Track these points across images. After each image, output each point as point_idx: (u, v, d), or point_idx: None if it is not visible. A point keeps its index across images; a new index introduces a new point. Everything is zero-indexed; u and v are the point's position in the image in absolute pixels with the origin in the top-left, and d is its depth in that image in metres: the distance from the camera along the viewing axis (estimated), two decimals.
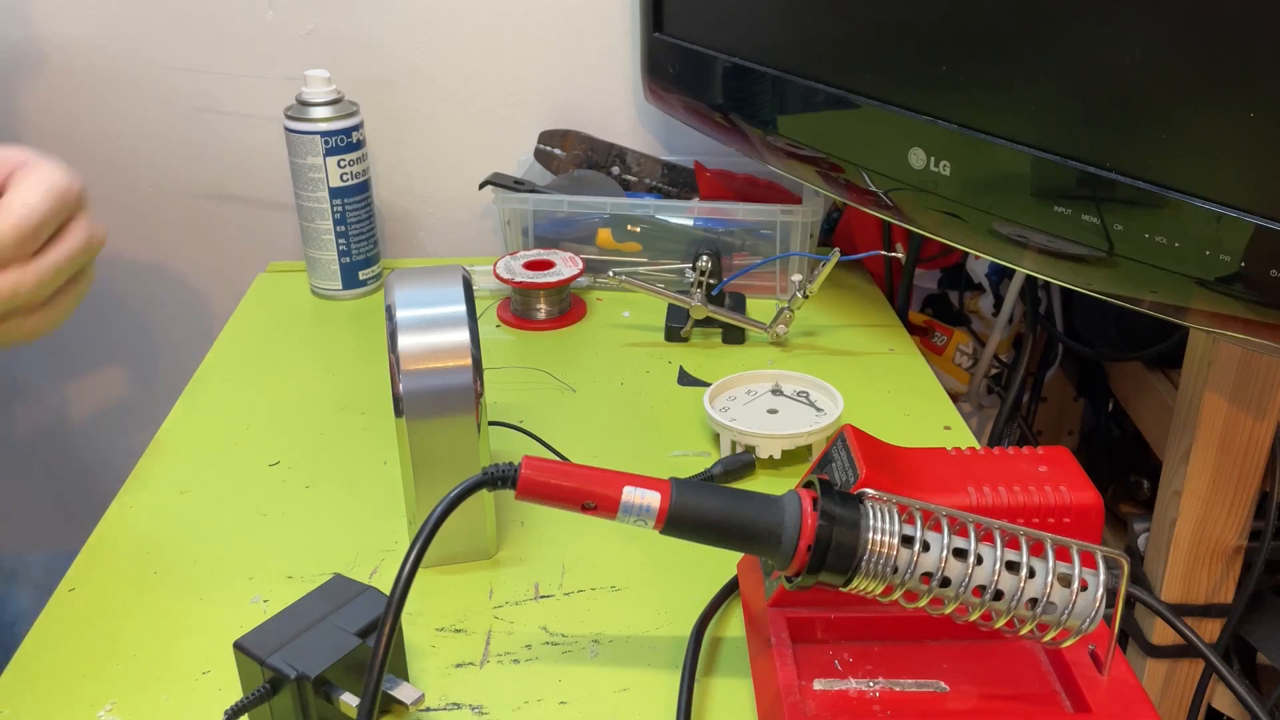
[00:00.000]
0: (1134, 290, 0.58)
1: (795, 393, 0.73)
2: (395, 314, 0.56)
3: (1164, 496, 0.81)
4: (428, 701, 0.50)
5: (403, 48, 1.01)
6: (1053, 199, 0.59)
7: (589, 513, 0.44)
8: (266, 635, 0.47)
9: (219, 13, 0.99)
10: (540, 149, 1.01)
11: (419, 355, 0.55)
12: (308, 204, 0.91)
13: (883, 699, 0.47)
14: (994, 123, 0.63)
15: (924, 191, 0.68)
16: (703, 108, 0.90)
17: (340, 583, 0.51)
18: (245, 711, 0.46)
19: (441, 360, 0.55)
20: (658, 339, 0.87)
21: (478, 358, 0.55)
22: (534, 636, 0.55)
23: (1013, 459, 0.51)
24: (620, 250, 0.93)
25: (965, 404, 1.06)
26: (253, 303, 0.95)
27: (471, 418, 0.55)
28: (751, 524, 0.44)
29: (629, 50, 1.02)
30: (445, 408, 0.55)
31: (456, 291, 0.57)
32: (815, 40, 0.76)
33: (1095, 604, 0.43)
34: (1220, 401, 0.74)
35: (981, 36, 0.63)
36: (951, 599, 0.43)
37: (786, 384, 0.74)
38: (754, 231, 0.92)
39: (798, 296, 0.83)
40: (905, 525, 0.43)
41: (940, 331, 1.05)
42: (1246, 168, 0.50)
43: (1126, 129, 0.55)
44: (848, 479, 0.48)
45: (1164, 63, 0.53)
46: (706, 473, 0.67)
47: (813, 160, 0.79)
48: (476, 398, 0.55)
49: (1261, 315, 0.52)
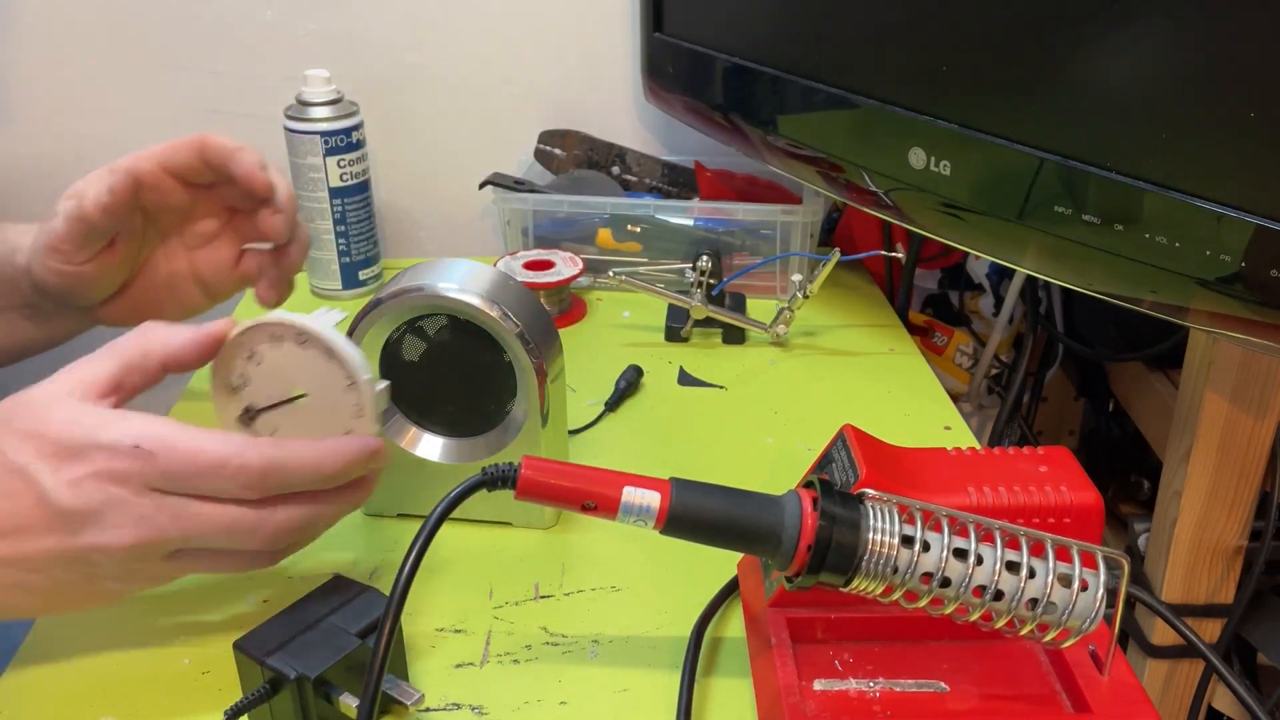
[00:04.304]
0: (1134, 290, 0.58)
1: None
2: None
3: (1164, 496, 0.81)
4: (428, 701, 0.50)
5: (403, 48, 1.01)
6: (1053, 199, 0.59)
7: (589, 513, 0.44)
8: (266, 635, 0.47)
9: (219, 13, 0.99)
10: (540, 149, 1.01)
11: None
12: (307, 204, 0.91)
13: (883, 699, 0.47)
14: (994, 123, 0.63)
15: (924, 191, 0.68)
16: (703, 108, 0.90)
17: (340, 583, 0.51)
18: (245, 711, 0.46)
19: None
20: (658, 339, 0.87)
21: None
22: (534, 636, 0.55)
23: (1013, 459, 0.51)
24: (620, 250, 0.93)
25: (965, 404, 1.06)
26: (253, 303, 0.95)
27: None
28: (752, 524, 0.44)
29: (629, 50, 1.02)
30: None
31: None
32: (815, 40, 0.76)
33: (1095, 604, 0.43)
34: (1220, 401, 0.74)
35: (981, 36, 0.63)
36: (952, 599, 0.43)
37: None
38: (754, 231, 0.92)
39: (798, 296, 0.83)
40: (905, 525, 0.43)
41: (940, 331, 1.05)
42: (1246, 168, 0.50)
43: (1126, 129, 0.55)
44: (848, 479, 0.48)
45: (1164, 62, 0.53)
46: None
47: (813, 160, 0.79)
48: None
49: (1261, 315, 0.52)
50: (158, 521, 0.45)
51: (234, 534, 0.47)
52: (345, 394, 0.51)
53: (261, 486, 0.46)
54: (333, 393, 0.51)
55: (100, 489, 0.44)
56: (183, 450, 0.45)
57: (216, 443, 0.45)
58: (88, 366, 0.48)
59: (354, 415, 0.52)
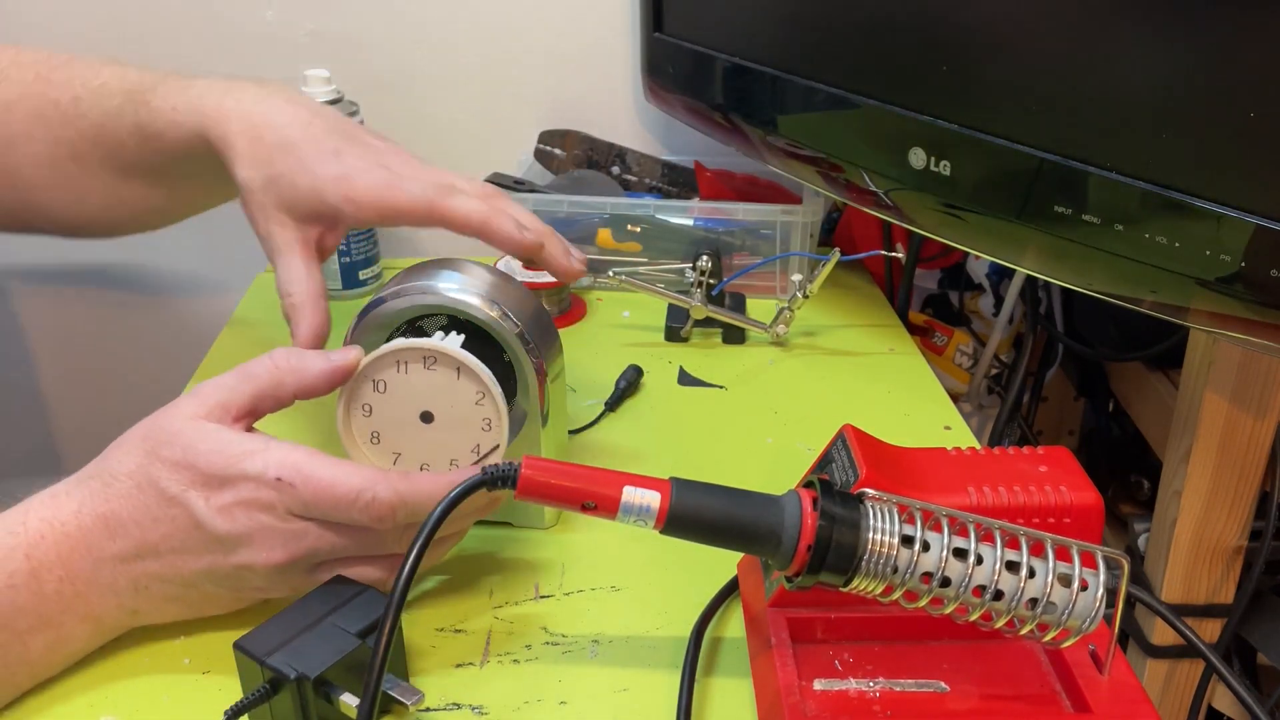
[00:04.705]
0: (1134, 290, 0.58)
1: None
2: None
3: (1164, 496, 0.81)
4: (428, 701, 0.50)
5: (403, 48, 1.01)
6: (1053, 199, 0.59)
7: (589, 513, 0.44)
8: (266, 635, 0.47)
9: (219, 13, 0.99)
10: (540, 149, 1.01)
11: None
12: None
13: (883, 699, 0.47)
14: (994, 123, 0.63)
15: (924, 191, 0.68)
16: (703, 108, 0.90)
17: (340, 583, 0.51)
18: (245, 711, 0.46)
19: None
20: (658, 339, 0.87)
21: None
22: (534, 636, 0.55)
23: (1013, 459, 0.51)
24: (620, 250, 0.93)
25: (965, 404, 1.06)
26: (253, 303, 0.95)
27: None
28: (751, 524, 0.44)
29: (629, 50, 1.02)
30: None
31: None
32: (815, 40, 0.76)
33: (1095, 604, 0.43)
34: (1220, 401, 0.74)
35: (981, 36, 0.63)
36: (952, 599, 0.43)
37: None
38: (754, 231, 0.92)
39: (798, 296, 0.83)
40: (905, 525, 0.43)
41: (940, 331, 1.05)
42: (1246, 168, 0.50)
43: (1126, 129, 0.55)
44: (848, 479, 0.48)
45: (1164, 62, 0.53)
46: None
47: (813, 160, 0.79)
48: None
49: (1261, 315, 0.52)
50: (304, 542, 0.49)
51: (369, 546, 0.51)
52: (474, 410, 0.54)
53: (391, 519, 0.49)
54: (461, 409, 0.54)
55: (249, 516, 0.48)
56: (318, 483, 0.48)
57: (350, 476, 0.48)
58: (222, 390, 0.51)
59: (483, 429, 0.54)
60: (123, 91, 0.66)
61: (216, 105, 0.61)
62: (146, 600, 0.51)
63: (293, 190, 0.59)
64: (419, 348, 0.53)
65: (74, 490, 0.50)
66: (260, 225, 0.61)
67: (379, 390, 0.54)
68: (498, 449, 0.54)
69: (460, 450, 0.55)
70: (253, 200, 0.60)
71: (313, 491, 0.48)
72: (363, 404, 0.54)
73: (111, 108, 0.66)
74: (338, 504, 0.48)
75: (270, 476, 0.48)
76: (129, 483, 0.49)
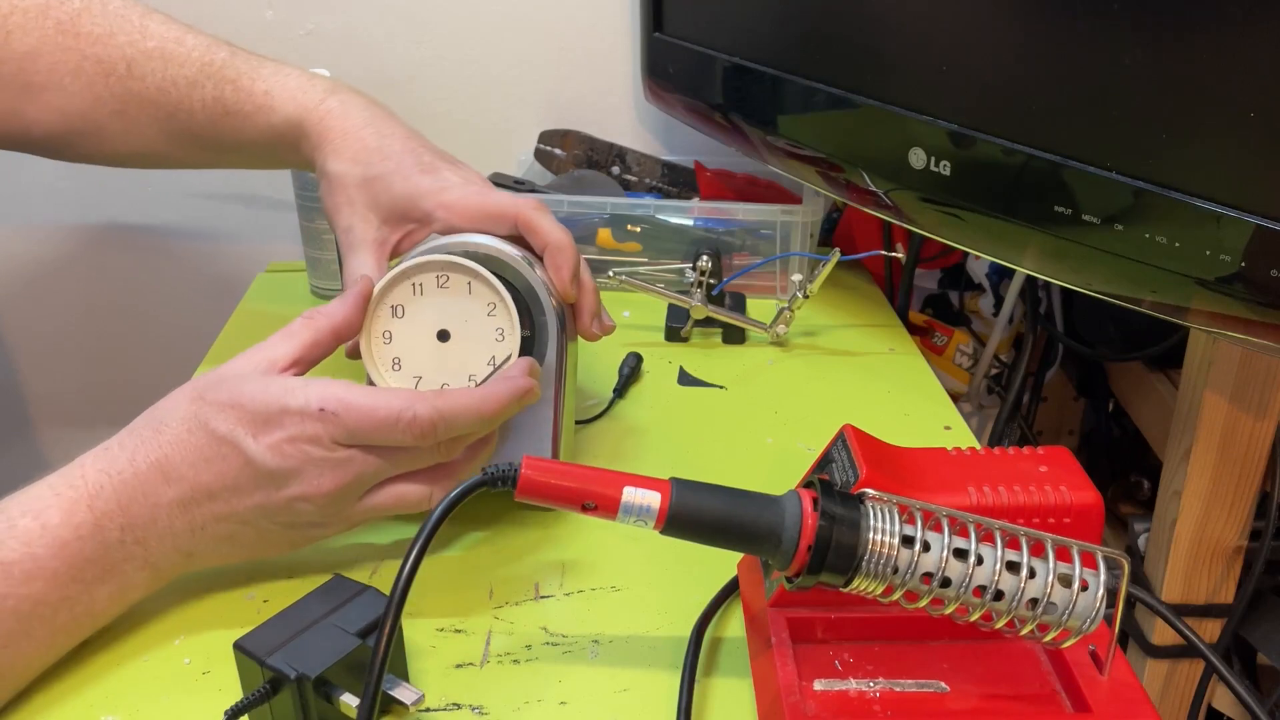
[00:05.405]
0: (1134, 290, 0.58)
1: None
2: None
3: (1164, 496, 0.81)
4: (428, 701, 0.50)
5: (403, 48, 1.01)
6: (1053, 199, 0.59)
7: (589, 513, 0.44)
8: (266, 635, 0.47)
9: (219, 13, 0.99)
10: (540, 149, 1.01)
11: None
12: (308, 203, 0.91)
13: (883, 699, 0.47)
14: (994, 123, 0.63)
15: (924, 191, 0.68)
16: (703, 108, 0.91)
17: (340, 583, 0.51)
18: (245, 711, 0.46)
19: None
20: (658, 339, 0.87)
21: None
22: (534, 636, 0.55)
23: (1013, 459, 0.51)
24: (620, 250, 0.93)
25: (965, 404, 1.06)
26: (253, 302, 0.95)
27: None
28: (752, 524, 0.44)
29: (629, 50, 1.02)
30: None
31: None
32: (815, 40, 0.76)
33: (1096, 604, 0.43)
34: (1220, 401, 0.74)
35: (981, 36, 0.63)
36: (952, 599, 0.43)
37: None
38: (754, 231, 0.92)
39: (798, 296, 0.83)
40: (906, 525, 0.43)
41: (940, 331, 1.05)
42: (1246, 168, 0.50)
43: (1126, 129, 0.55)
44: (848, 479, 0.48)
45: (1164, 62, 0.53)
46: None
47: (813, 160, 0.79)
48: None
49: (1261, 315, 0.52)
50: (350, 468, 0.51)
51: (411, 464, 0.53)
52: (487, 322, 0.57)
53: (433, 435, 0.51)
54: (475, 323, 0.57)
55: (297, 449, 0.50)
56: (360, 409, 0.50)
57: (390, 399, 0.51)
58: (264, 349, 0.54)
59: (497, 339, 0.57)
60: (198, 63, 0.68)
61: (320, 101, 0.66)
62: (202, 542, 0.52)
63: (388, 193, 0.62)
64: (432, 261, 0.56)
65: (126, 440, 0.52)
66: (344, 217, 0.63)
67: (397, 315, 0.57)
68: (511, 357, 0.57)
69: (477, 365, 0.57)
70: (342, 193, 0.63)
71: (356, 418, 0.50)
72: (383, 331, 0.57)
73: (181, 77, 0.68)
74: (380, 426, 0.50)
75: (314, 408, 0.50)
76: (180, 428, 0.51)
